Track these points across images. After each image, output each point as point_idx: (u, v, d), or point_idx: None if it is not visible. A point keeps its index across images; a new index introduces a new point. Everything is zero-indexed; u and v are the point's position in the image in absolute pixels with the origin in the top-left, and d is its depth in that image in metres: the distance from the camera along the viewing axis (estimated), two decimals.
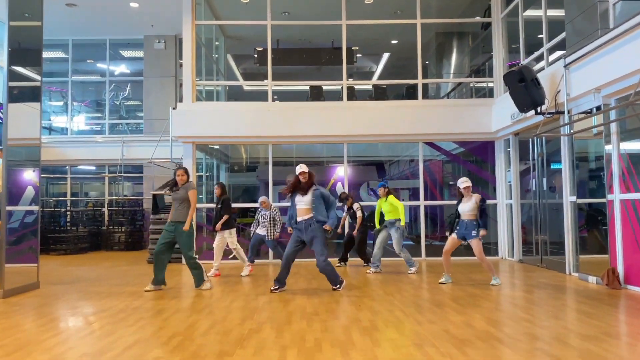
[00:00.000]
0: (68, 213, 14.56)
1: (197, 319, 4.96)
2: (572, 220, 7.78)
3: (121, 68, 17.03)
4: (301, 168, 6.55)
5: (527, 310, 5.20)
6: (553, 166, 8.72)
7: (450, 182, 12.45)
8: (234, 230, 8.34)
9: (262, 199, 9.06)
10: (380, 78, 14.38)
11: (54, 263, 10.70)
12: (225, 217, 8.14)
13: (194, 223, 10.20)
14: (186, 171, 6.91)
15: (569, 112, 7.44)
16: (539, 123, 8.45)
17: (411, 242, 11.15)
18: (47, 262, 10.89)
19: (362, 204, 9.64)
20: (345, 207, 9.57)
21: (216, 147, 12.78)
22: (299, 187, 6.54)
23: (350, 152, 10.83)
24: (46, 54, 16.52)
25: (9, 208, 6.57)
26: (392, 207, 8.20)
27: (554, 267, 8.42)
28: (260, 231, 9.05)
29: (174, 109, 10.37)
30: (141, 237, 14.15)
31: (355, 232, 9.19)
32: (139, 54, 15.30)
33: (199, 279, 6.87)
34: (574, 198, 7.70)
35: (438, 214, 11.44)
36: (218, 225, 8.15)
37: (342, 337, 4.20)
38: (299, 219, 6.54)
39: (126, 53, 16.69)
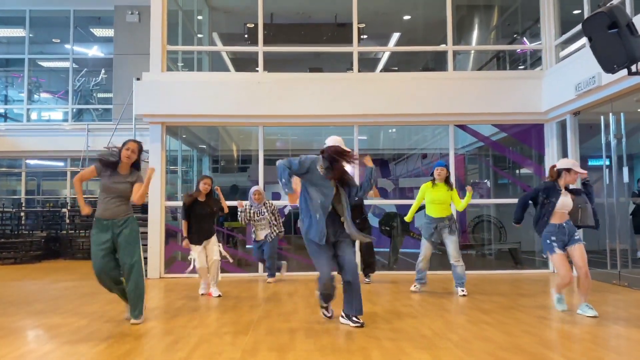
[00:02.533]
0: (22, 214, 12.27)
1: None
2: None
3: (94, 51, 14.87)
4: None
5: None
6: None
7: (472, 181, 10.47)
8: (214, 237, 6.14)
9: (255, 188, 7.05)
10: (388, 63, 12.22)
11: None
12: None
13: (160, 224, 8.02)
14: (140, 147, 4.64)
15: None
16: (618, 93, 6.35)
17: (438, 252, 8.95)
18: None
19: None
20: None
21: (202, 146, 10.65)
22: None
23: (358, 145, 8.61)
24: (2, 32, 14.33)
25: None
26: (451, 195, 6.07)
27: None
28: (262, 233, 7.08)
29: (138, 79, 8.14)
30: None
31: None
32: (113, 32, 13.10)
33: (140, 307, 4.56)
34: None
35: (459, 218, 9.30)
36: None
37: None
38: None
39: (98, 32, 14.48)
